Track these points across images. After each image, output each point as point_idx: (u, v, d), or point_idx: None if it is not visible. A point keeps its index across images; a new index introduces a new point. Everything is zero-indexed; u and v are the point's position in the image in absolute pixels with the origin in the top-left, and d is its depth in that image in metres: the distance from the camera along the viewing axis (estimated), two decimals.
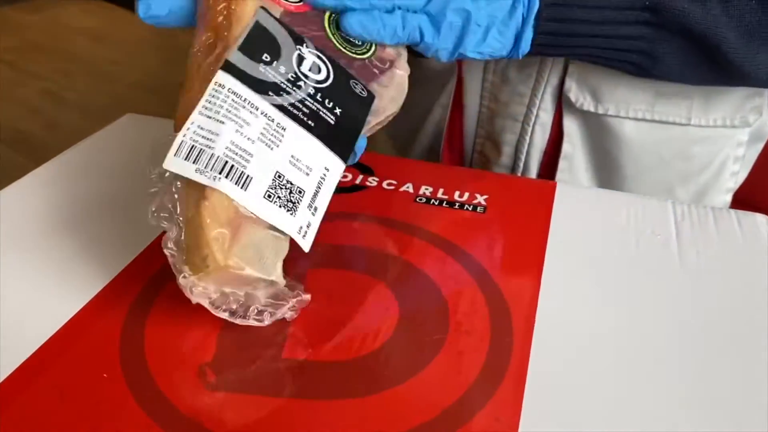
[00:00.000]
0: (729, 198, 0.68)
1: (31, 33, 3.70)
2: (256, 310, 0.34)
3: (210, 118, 0.33)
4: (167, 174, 0.33)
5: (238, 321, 0.34)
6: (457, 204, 0.46)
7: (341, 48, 0.38)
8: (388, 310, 0.37)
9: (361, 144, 0.42)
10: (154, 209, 0.34)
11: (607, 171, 0.61)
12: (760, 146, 0.66)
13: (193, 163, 0.32)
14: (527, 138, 0.61)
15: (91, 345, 0.34)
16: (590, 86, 0.56)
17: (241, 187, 0.33)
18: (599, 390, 0.32)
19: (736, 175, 0.65)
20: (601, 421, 0.31)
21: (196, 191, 0.33)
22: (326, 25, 0.39)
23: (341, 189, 0.47)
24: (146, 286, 0.38)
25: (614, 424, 0.31)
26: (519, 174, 0.62)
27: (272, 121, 0.34)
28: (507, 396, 0.32)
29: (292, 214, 0.34)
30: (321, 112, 0.36)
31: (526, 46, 0.47)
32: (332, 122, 0.36)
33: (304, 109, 0.35)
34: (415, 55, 0.46)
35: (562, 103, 0.58)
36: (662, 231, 0.43)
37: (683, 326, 0.36)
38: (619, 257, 0.41)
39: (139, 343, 0.34)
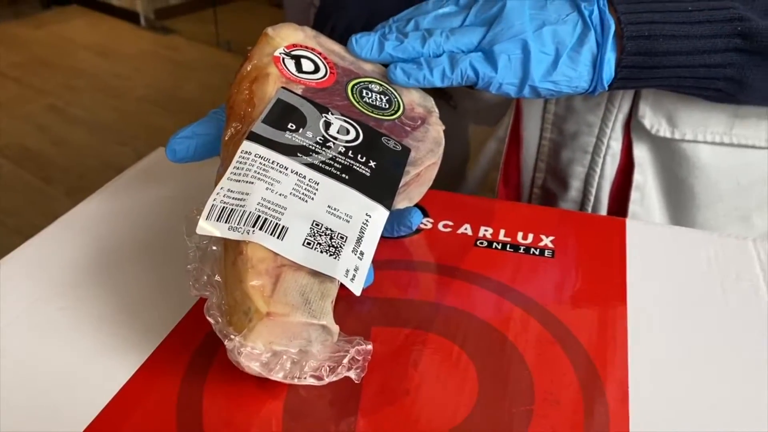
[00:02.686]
0: None
1: (36, 49, 3.69)
2: (311, 366, 0.32)
3: (239, 181, 0.34)
4: (203, 242, 0.34)
5: (294, 382, 0.31)
6: (522, 248, 0.43)
7: (368, 113, 0.40)
8: (467, 374, 0.34)
9: (414, 219, 0.43)
10: (194, 283, 0.33)
11: (681, 200, 0.57)
12: None
13: (225, 222, 0.32)
14: (597, 170, 0.57)
15: (147, 418, 0.31)
16: (666, 111, 0.53)
17: (278, 237, 0.32)
18: None
19: None
20: None
21: (232, 250, 0.33)
22: (350, 94, 0.41)
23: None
24: (196, 354, 0.34)
25: None
26: (589, 208, 0.59)
27: (304, 177, 0.35)
28: None
29: (335, 258, 0.33)
30: (355, 167, 0.37)
31: (609, 72, 0.44)
32: (368, 174, 0.37)
33: (337, 165, 0.36)
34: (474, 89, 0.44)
35: (630, 130, 0.55)
36: (748, 274, 0.40)
37: None
38: (706, 306, 0.38)
39: (198, 416, 0.31)
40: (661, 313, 0.38)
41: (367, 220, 0.34)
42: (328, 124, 0.38)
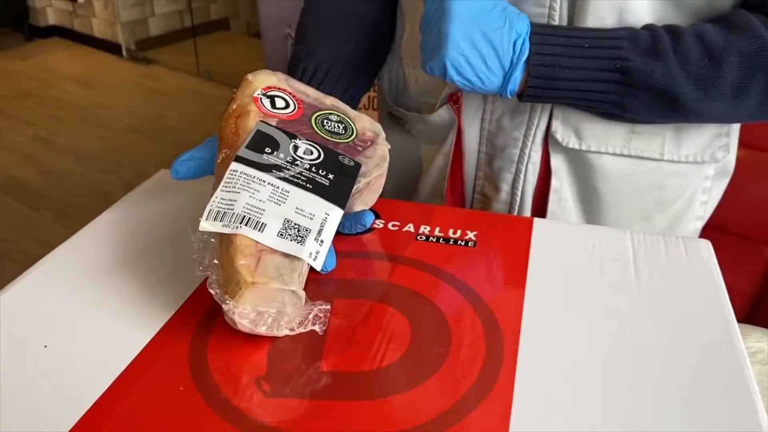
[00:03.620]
0: (700, 225, 0.77)
1: (20, 80, 3.77)
2: (286, 322, 0.43)
3: (229, 192, 0.46)
4: (204, 236, 0.45)
5: (274, 332, 0.43)
6: (452, 240, 0.55)
7: (327, 137, 0.53)
8: (401, 330, 0.46)
9: (367, 219, 0.55)
10: (199, 265, 0.44)
11: (591, 202, 0.71)
12: (726, 180, 0.76)
13: (220, 221, 0.45)
14: (522, 177, 0.70)
15: (165, 366, 0.42)
16: (574, 127, 0.66)
17: (259, 231, 0.44)
18: (574, 386, 0.41)
19: (705, 204, 0.75)
20: (575, 409, 0.39)
21: (226, 241, 0.45)
22: (313, 124, 0.53)
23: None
24: (202, 320, 0.46)
25: (585, 410, 0.39)
26: (516, 208, 0.72)
27: (278, 188, 0.47)
28: (502, 392, 0.40)
29: (301, 244, 0.45)
30: (317, 178, 0.48)
31: (514, 86, 0.57)
32: (327, 184, 0.49)
33: (303, 178, 0.48)
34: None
35: (548, 144, 0.68)
36: (622, 257, 0.53)
37: (640, 334, 0.45)
38: (587, 279, 0.50)
39: (205, 363, 0.42)
40: (551, 284, 0.50)
41: (326, 218, 0.47)
42: (296, 147, 0.50)
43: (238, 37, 4.59)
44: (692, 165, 0.69)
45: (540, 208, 0.71)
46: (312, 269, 0.47)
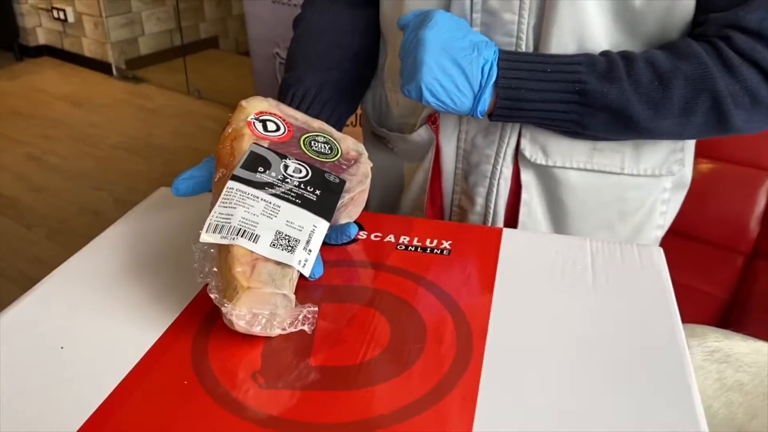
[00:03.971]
0: (661, 233, 0.83)
1: (11, 100, 3.81)
2: (278, 322, 0.49)
3: (226, 207, 0.51)
4: (204, 246, 0.51)
5: (268, 332, 0.48)
6: (428, 249, 0.61)
7: (315, 157, 0.58)
8: (382, 330, 0.51)
9: (351, 231, 0.61)
10: (200, 273, 0.50)
11: (559, 213, 0.76)
12: (684, 192, 0.83)
13: (218, 233, 0.50)
14: (494, 191, 0.76)
15: (170, 360, 0.47)
16: (540, 144, 0.72)
17: (253, 242, 0.49)
18: (532, 377, 0.47)
19: (664, 214, 0.81)
20: (532, 396, 0.45)
21: (224, 251, 0.50)
22: (302, 145, 0.58)
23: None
24: (203, 322, 0.51)
25: (541, 397, 0.45)
26: (490, 219, 0.77)
27: (270, 203, 0.52)
28: (470, 379, 0.46)
29: (291, 253, 0.50)
30: (305, 194, 0.54)
31: (484, 106, 0.63)
32: (314, 199, 0.54)
33: (292, 194, 0.53)
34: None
35: (518, 160, 0.74)
36: (581, 263, 0.58)
37: (594, 333, 0.51)
38: (548, 283, 0.56)
39: (206, 359, 0.47)
40: (517, 287, 0.55)
41: (313, 229, 0.52)
42: (286, 167, 0.55)
43: (227, 55, 4.66)
44: (651, 178, 0.75)
45: (512, 219, 0.77)
46: (301, 276, 0.52)
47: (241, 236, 0.49)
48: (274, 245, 0.50)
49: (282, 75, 2.53)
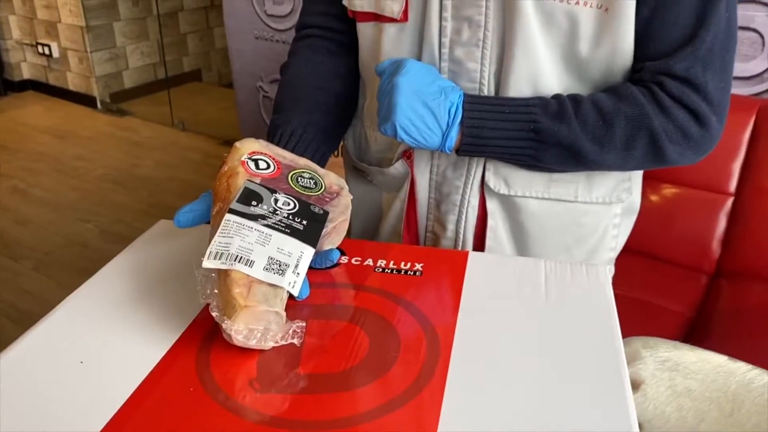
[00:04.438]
0: (613, 255, 0.92)
1: None
2: (271, 336, 0.56)
3: (225, 237, 0.59)
4: (206, 271, 0.58)
5: (263, 345, 0.56)
6: (403, 271, 0.69)
7: (301, 191, 0.66)
8: (362, 341, 0.58)
9: (333, 256, 0.68)
10: (202, 295, 0.57)
11: (522, 237, 0.85)
12: (634, 217, 0.91)
13: (218, 260, 0.57)
14: (463, 218, 0.84)
15: (178, 371, 0.54)
16: (503, 176, 0.81)
17: (249, 266, 0.57)
18: (491, 381, 0.54)
19: (616, 237, 0.89)
20: (490, 397, 0.52)
21: (223, 274, 0.57)
22: (289, 181, 0.66)
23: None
24: (205, 337, 0.58)
25: (497, 398, 0.52)
26: (460, 243, 0.85)
27: (262, 232, 0.59)
28: (437, 382, 0.53)
29: (282, 276, 0.58)
30: (293, 224, 0.61)
31: (451, 143, 0.72)
32: (301, 228, 0.62)
33: (282, 224, 0.61)
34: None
35: (484, 191, 0.82)
36: (536, 281, 0.66)
37: (545, 342, 0.58)
38: (506, 300, 0.64)
39: (209, 369, 0.55)
40: (479, 304, 0.63)
41: (301, 255, 0.59)
42: (276, 200, 0.63)
43: (211, 87, 4.74)
44: (602, 205, 0.83)
45: (480, 243, 0.85)
46: (290, 296, 0.60)
47: (238, 262, 0.57)
48: (267, 269, 0.57)
49: (264, 107, 2.63)
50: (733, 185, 1.68)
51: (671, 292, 1.66)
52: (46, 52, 4.27)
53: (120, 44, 4.22)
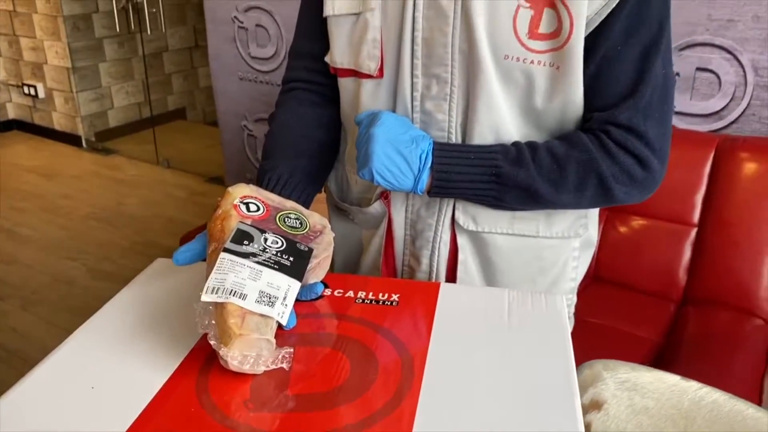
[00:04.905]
0: (574, 285, 1.00)
1: None
2: (263, 361, 0.63)
3: (220, 273, 0.66)
4: (204, 304, 0.65)
5: (255, 370, 0.62)
6: (381, 301, 0.76)
7: (288, 231, 0.73)
8: (344, 365, 0.65)
9: (318, 289, 0.75)
10: (201, 325, 0.64)
11: (490, 270, 0.92)
12: (591, 250, 1.00)
13: (215, 294, 0.64)
14: (436, 252, 0.92)
15: (180, 394, 0.61)
16: (471, 214, 0.89)
17: (242, 299, 0.64)
18: (461, 398, 0.61)
19: (576, 268, 0.98)
20: (459, 412, 0.59)
21: (220, 307, 0.64)
22: (277, 221, 0.74)
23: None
24: (204, 363, 0.65)
25: (462, 416, 0.59)
26: (434, 276, 0.93)
27: (254, 269, 0.66)
28: (411, 400, 0.60)
29: (272, 307, 0.65)
30: (282, 261, 0.68)
31: (422, 186, 0.80)
32: (289, 264, 0.69)
33: (272, 261, 0.68)
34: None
35: (455, 227, 0.90)
36: (500, 309, 0.74)
37: (510, 361, 0.66)
38: (473, 325, 0.71)
39: (207, 391, 0.61)
40: (449, 329, 0.71)
41: (288, 288, 0.67)
42: (266, 239, 0.70)
43: (195, 125, 4.83)
44: (562, 240, 0.92)
45: (452, 275, 0.93)
46: (279, 325, 0.67)
47: (233, 295, 0.64)
48: (258, 301, 0.64)
49: (249, 145, 2.71)
50: (696, 216, 1.76)
51: (641, 319, 1.73)
52: (32, 92, 4.34)
53: (105, 84, 4.31)
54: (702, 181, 1.74)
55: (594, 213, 0.96)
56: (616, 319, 1.72)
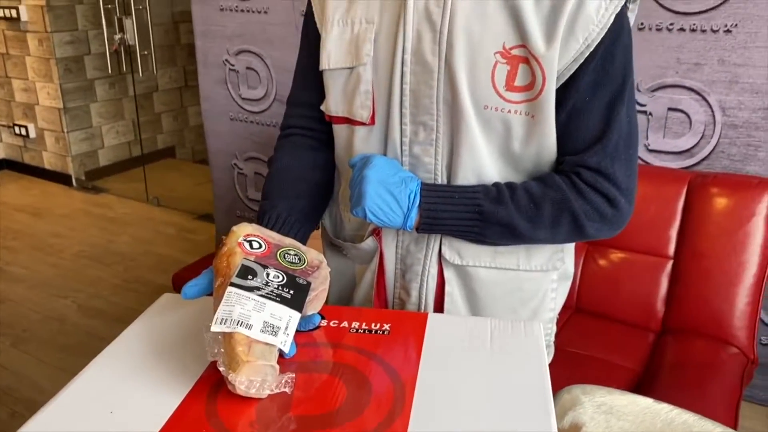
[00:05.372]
0: (553, 314, 1.06)
1: None
2: (267, 386, 0.68)
3: (228, 306, 0.72)
4: (213, 334, 0.71)
5: (260, 394, 0.68)
6: (373, 331, 0.82)
7: (288, 266, 0.79)
8: (341, 389, 0.71)
9: (315, 320, 0.81)
10: (210, 353, 0.70)
11: (474, 301, 0.99)
12: (569, 282, 1.07)
13: (224, 324, 0.70)
14: (425, 285, 0.99)
15: (191, 417, 0.67)
16: (456, 249, 0.96)
17: (248, 329, 0.69)
18: (448, 419, 0.67)
19: (554, 299, 1.04)
20: (446, 429, 0.65)
21: (228, 336, 0.70)
22: (278, 258, 0.80)
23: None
24: (213, 387, 0.71)
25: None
26: (422, 307, 0.99)
27: (257, 301, 0.73)
28: (402, 420, 0.66)
29: (275, 336, 0.71)
30: (283, 294, 0.75)
31: (411, 223, 0.86)
32: (289, 297, 0.75)
33: (274, 294, 0.74)
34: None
35: (442, 261, 0.97)
36: (483, 336, 0.80)
37: (491, 383, 0.72)
38: (459, 351, 0.78)
39: (216, 414, 0.67)
40: (437, 356, 0.77)
41: (290, 319, 0.73)
42: (268, 274, 0.77)
43: (184, 163, 4.89)
44: (540, 272, 0.99)
45: (439, 306, 0.99)
46: (281, 353, 0.73)
47: (240, 326, 0.70)
48: (263, 331, 0.70)
49: (239, 183, 2.78)
50: (671, 249, 1.83)
51: (622, 348, 1.79)
52: (23, 132, 4.39)
53: (96, 124, 4.37)
54: (676, 215, 1.82)
55: (570, 248, 1.03)
56: (598, 348, 1.77)
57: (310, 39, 0.99)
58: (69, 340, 2.57)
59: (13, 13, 4.04)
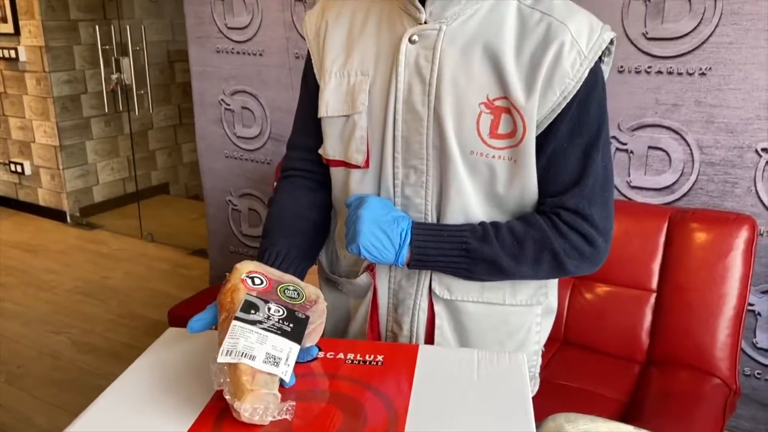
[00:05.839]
0: (538, 347, 1.12)
1: None
2: (270, 413, 0.73)
3: (232, 338, 0.77)
4: (219, 364, 0.76)
5: (263, 420, 0.73)
6: (367, 362, 0.88)
7: (288, 300, 0.85)
8: (337, 416, 0.76)
9: (313, 351, 0.86)
10: (216, 383, 0.75)
11: (463, 333, 1.04)
12: (552, 316, 1.12)
13: (229, 356, 0.75)
14: (416, 318, 1.04)
15: None
16: (446, 284, 1.01)
17: (252, 360, 0.75)
18: None
19: (539, 333, 1.10)
20: None
21: (233, 366, 0.75)
22: (278, 293, 0.85)
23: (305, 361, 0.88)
24: (218, 415, 0.76)
25: None
26: (414, 339, 1.04)
27: (260, 334, 0.78)
28: None
29: (277, 366, 0.76)
30: (283, 327, 0.80)
31: (402, 259, 0.92)
32: (289, 330, 0.80)
33: (275, 327, 0.79)
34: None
35: (432, 296, 1.03)
36: (470, 366, 0.86)
37: (478, 409, 0.77)
38: (448, 381, 0.83)
39: None
40: (427, 385, 0.82)
41: (290, 350, 0.78)
42: (269, 309, 0.82)
43: (178, 200, 4.94)
44: (525, 307, 1.05)
45: (430, 338, 1.05)
46: (281, 383, 0.78)
47: (244, 357, 0.75)
48: (265, 362, 0.75)
49: (233, 219, 2.84)
50: (654, 282, 1.88)
51: (608, 380, 1.83)
52: (18, 170, 4.44)
53: (91, 161, 4.43)
54: (658, 249, 1.87)
55: (553, 283, 1.09)
56: (584, 380, 1.81)
57: (310, 88, 1.06)
58: (63, 375, 2.58)
59: (12, 53, 4.13)
